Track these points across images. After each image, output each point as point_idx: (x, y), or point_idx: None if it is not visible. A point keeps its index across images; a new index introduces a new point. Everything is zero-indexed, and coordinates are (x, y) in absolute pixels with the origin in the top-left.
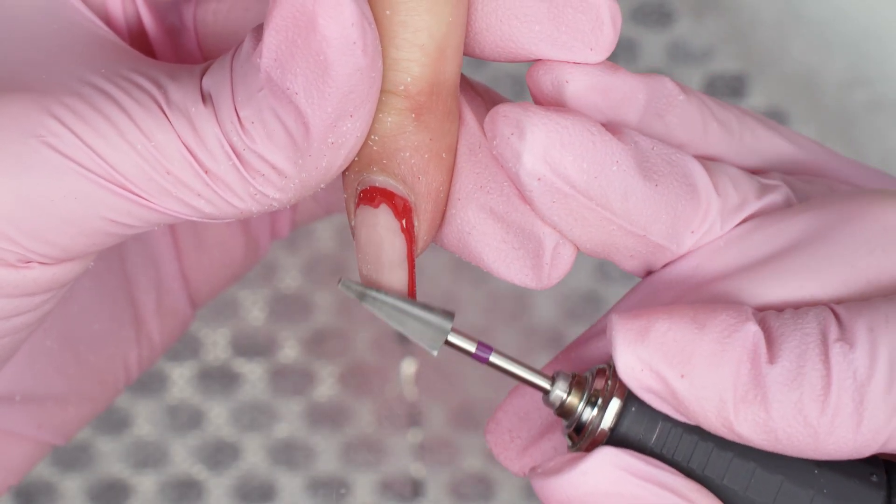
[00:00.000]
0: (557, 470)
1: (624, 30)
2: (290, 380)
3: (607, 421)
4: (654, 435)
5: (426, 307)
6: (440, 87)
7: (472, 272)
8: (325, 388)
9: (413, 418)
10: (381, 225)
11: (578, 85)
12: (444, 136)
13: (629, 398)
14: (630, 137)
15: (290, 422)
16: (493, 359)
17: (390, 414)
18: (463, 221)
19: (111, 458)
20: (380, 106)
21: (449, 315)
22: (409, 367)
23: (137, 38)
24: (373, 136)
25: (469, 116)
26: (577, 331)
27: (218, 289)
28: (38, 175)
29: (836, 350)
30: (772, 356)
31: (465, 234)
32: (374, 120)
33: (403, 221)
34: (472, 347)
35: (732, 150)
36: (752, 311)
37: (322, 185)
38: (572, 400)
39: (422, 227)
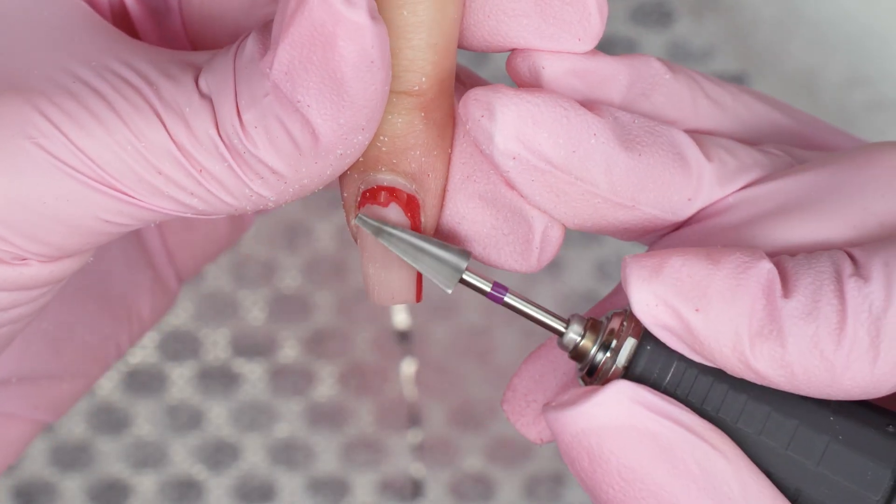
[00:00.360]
0: (571, 402)
1: (624, 30)
2: (290, 380)
3: (621, 360)
4: (668, 374)
5: (442, 245)
6: (445, 83)
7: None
8: (325, 388)
9: (413, 418)
10: (392, 218)
11: (555, 70)
12: (447, 129)
13: (644, 338)
14: (608, 112)
15: (290, 422)
16: (509, 299)
17: (390, 414)
18: (453, 212)
19: (111, 458)
20: (390, 107)
21: (465, 254)
22: (409, 367)
23: (120, 18)
24: (381, 137)
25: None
26: None
27: (203, 263)
28: (30, 177)
29: (851, 284)
30: (786, 291)
31: (456, 225)
32: (383, 121)
33: (412, 217)
34: (487, 287)
35: (726, 125)
36: (765, 253)
37: (320, 188)
38: (586, 342)
39: (428, 221)
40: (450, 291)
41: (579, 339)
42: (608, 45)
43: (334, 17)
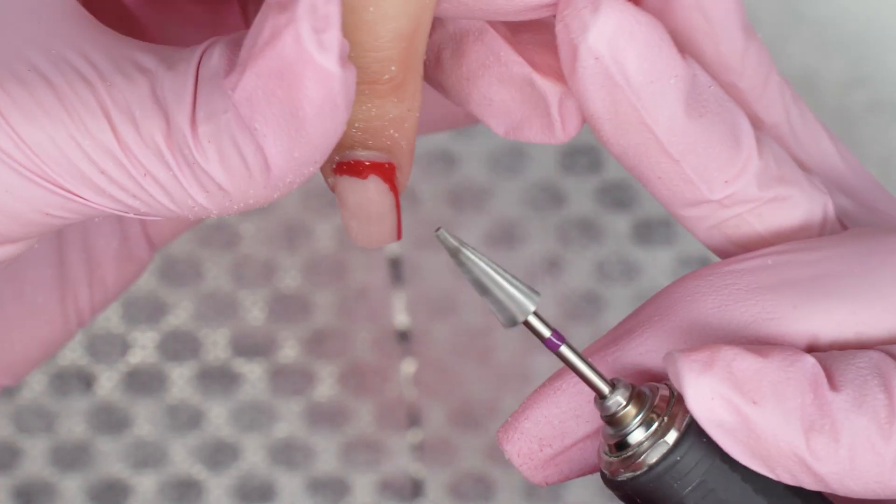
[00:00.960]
0: None
1: None
2: (290, 380)
3: (653, 456)
4: (689, 488)
5: (514, 281)
6: (415, 61)
7: None
8: (325, 388)
9: (413, 418)
10: (372, 190)
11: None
12: (416, 94)
13: (681, 441)
14: (693, 65)
15: (289, 422)
16: (563, 350)
17: (390, 414)
18: (480, 98)
19: (111, 457)
20: (362, 97)
21: (534, 294)
22: (409, 367)
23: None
24: (356, 124)
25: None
26: (577, 331)
27: (179, 229)
28: None
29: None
30: (832, 385)
31: (486, 107)
32: (357, 109)
33: (389, 182)
34: (546, 333)
35: (789, 141)
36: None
37: (263, 206)
38: (629, 412)
39: (402, 174)
40: (507, 328)
41: (622, 407)
42: None
43: (304, 58)
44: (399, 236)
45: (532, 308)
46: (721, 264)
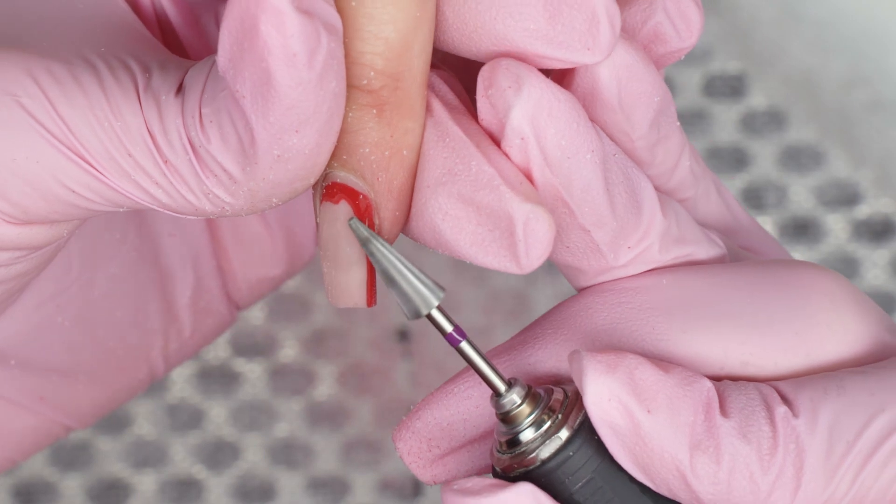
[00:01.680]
0: (475, 492)
1: None
2: (290, 379)
3: (545, 451)
4: (580, 482)
5: (421, 274)
6: (404, 83)
7: (472, 272)
8: (325, 387)
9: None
10: (341, 221)
11: (617, 59)
12: (406, 134)
13: (577, 432)
14: (601, 134)
15: (289, 421)
16: (464, 346)
17: (390, 414)
18: (435, 209)
19: (111, 457)
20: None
21: (439, 289)
22: (409, 367)
23: (169, 37)
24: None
25: (436, 104)
26: None
27: (258, 291)
28: (5, 132)
29: (781, 414)
30: (723, 411)
31: (439, 222)
32: None
33: (365, 219)
34: (448, 328)
35: (687, 194)
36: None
37: (275, 200)
38: (522, 410)
39: (383, 225)
40: (410, 320)
41: (516, 406)
42: None
43: (256, 1)
44: (370, 301)
45: (436, 302)
46: (618, 281)
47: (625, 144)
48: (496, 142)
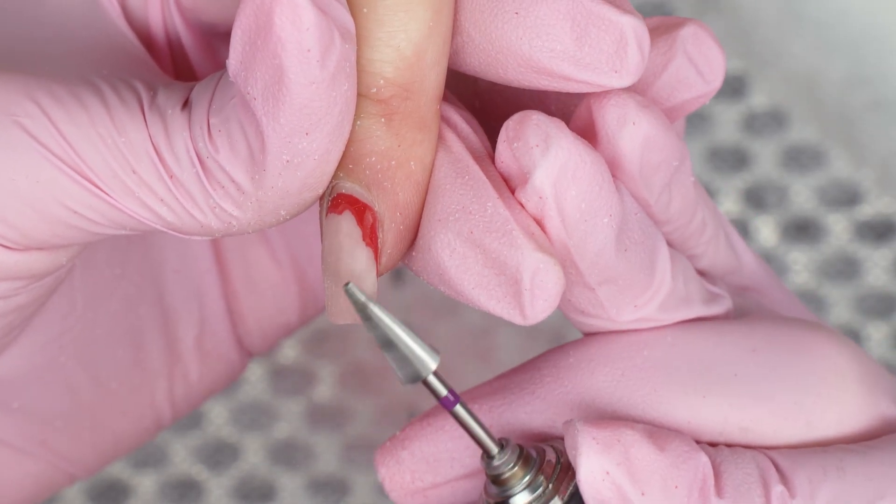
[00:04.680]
0: None
1: None
2: (290, 380)
3: None
4: None
5: (417, 340)
6: (415, 94)
7: None
8: (326, 388)
9: (413, 418)
10: (343, 232)
11: (639, 132)
12: (414, 146)
13: (570, 500)
14: (624, 194)
15: (290, 422)
16: (458, 409)
17: (390, 414)
18: (443, 244)
19: None
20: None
21: (435, 354)
22: None
23: (181, 64)
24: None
25: (452, 138)
26: (576, 331)
27: (271, 337)
28: (4, 154)
29: (777, 493)
30: (718, 489)
31: (445, 258)
32: None
33: (368, 232)
34: (442, 392)
35: (699, 249)
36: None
37: (283, 212)
38: (515, 473)
39: (387, 239)
40: (404, 385)
41: (508, 468)
42: None
43: None
44: None
45: (433, 367)
46: (619, 334)
47: (641, 205)
48: (511, 187)
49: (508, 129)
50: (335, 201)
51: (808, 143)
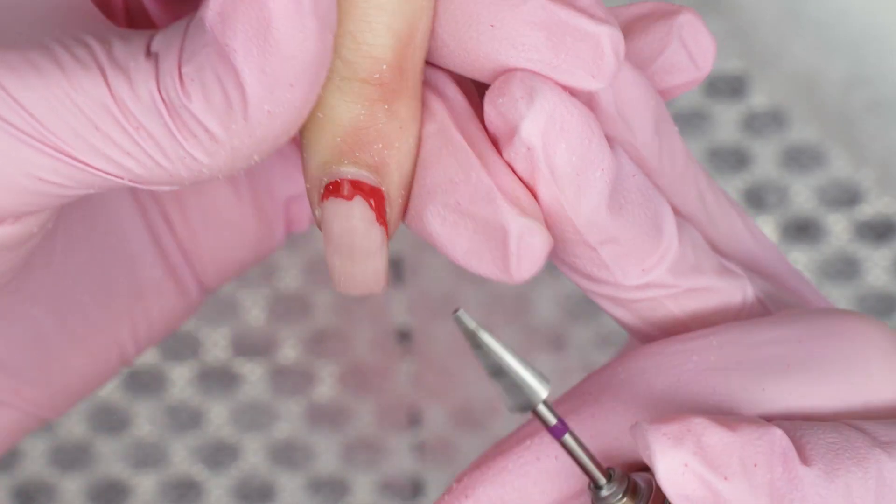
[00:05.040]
0: None
1: None
2: (290, 380)
3: None
4: None
5: (529, 367)
6: (408, 73)
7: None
8: (325, 388)
9: (413, 418)
10: (357, 217)
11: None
12: (413, 123)
13: None
14: (620, 154)
15: (290, 422)
16: (567, 438)
17: (390, 414)
18: (433, 214)
19: (111, 458)
20: (352, 96)
21: (546, 382)
22: (409, 367)
23: (137, 16)
24: (344, 128)
25: (438, 107)
26: (577, 331)
27: (226, 272)
28: None
29: (875, 454)
30: (804, 458)
31: (436, 227)
32: (346, 111)
33: (379, 212)
34: (552, 421)
35: (707, 228)
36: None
37: (256, 157)
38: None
39: (393, 213)
40: (512, 413)
41: (618, 499)
42: None
43: None
44: (385, 286)
45: (544, 395)
46: (665, 343)
47: (631, 154)
48: (500, 149)
49: (493, 88)
50: (339, 186)
51: (808, 143)
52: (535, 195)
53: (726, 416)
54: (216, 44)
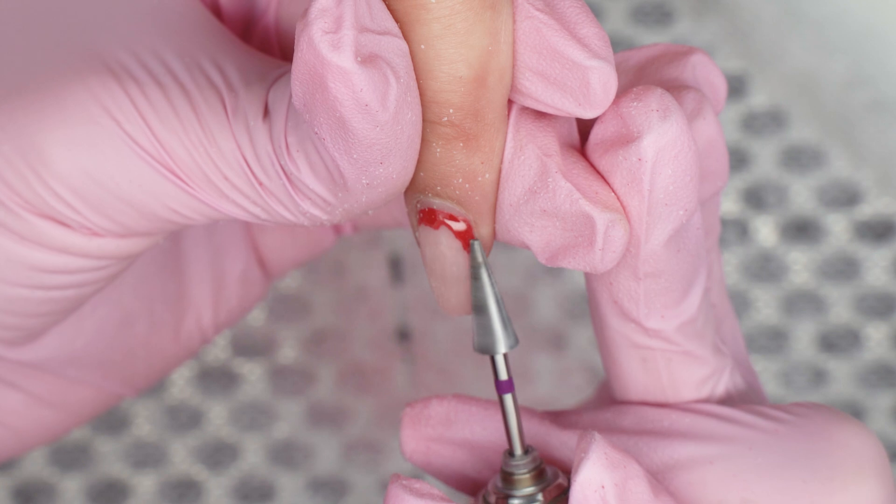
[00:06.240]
0: (420, 494)
1: (623, 29)
2: (290, 380)
3: None
4: None
5: (507, 318)
6: (485, 112)
7: None
8: (325, 388)
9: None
10: (444, 244)
11: (707, 129)
12: (494, 157)
13: None
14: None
15: (290, 422)
16: (507, 398)
17: (390, 414)
18: (520, 224)
19: (111, 458)
20: (428, 136)
21: (514, 340)
22: (408, 367)
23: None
24: (423, 163)
25: (513, 117)
26: (577, 331)
27: (284, 268)
28: (109, 156)
29: None
30: None
31: (526, 234)
32: (425, 149)
33: (465, 238)
34: (504, 375)
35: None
36: None
37: (370, 212)
38: (524, 479)
39: (482, 234)
40: (474, 351)
41: (521, 473)
42: None
43: (321, 60)
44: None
45: (504, 349)
46: (640, 407)
47: None
48: (604, 149)
49: (631, 92)
50: (428, 215)
51: (807, 143)
52: (621, 203)
53: (661, 485)
54: (309, 124)
